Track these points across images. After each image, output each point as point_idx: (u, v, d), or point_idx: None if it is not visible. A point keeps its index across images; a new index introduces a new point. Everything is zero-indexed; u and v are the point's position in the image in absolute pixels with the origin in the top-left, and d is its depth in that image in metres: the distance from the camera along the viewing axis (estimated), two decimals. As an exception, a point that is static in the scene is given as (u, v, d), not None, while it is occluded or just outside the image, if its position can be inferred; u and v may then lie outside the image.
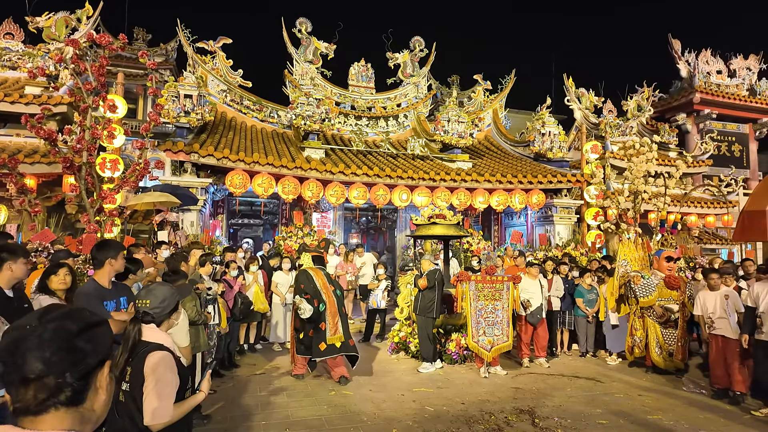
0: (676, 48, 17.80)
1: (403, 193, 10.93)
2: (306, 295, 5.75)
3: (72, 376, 0.92)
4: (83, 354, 0.94)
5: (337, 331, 5.79)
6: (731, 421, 4.81)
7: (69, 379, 0.92)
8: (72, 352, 0.93)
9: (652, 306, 6.54)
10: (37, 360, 0.89)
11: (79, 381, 0.94)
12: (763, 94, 18.02)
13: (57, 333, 0.93)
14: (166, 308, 2.30)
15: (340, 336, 5.79)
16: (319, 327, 5.75)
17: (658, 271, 6.84)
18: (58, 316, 0.96)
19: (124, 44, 7.47)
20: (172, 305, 2.33)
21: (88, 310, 1.05)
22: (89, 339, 0.96)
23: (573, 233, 12.49)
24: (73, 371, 0.93)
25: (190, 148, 9.19)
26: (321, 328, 5.75)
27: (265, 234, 18.55)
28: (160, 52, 18.53)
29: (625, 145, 11.36)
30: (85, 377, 0.95)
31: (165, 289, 2.37)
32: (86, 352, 0.95)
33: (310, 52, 13.87)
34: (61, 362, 0.91)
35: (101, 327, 1.01)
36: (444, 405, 5.15)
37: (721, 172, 16.51)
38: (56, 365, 0.91)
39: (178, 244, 7.92)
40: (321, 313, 5.77)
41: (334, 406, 5.08)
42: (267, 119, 13.39)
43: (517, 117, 20.35)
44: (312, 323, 5.77)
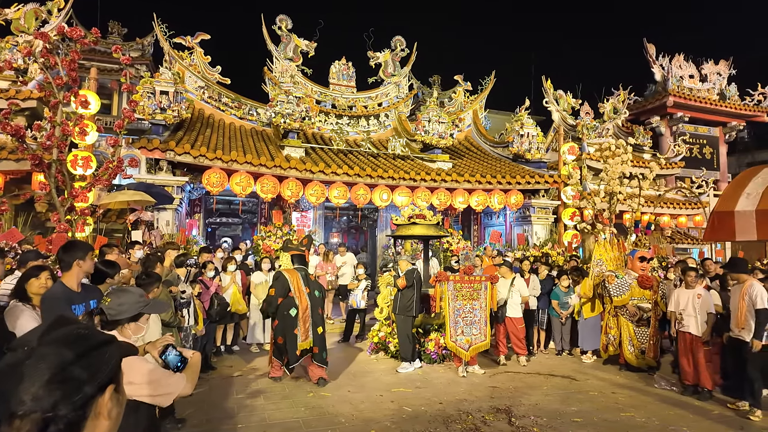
0: (650, 52, 18.23)
1: (384, 192, 10.92)
2: (279, 299, 5.69)
3: (66, 408, 0.82)
4: (79, 383, 0.84)
5: (308, 337, 5.72)
6: (700, 417, 4.95)
7: (62, 413, 0.81)
8: (65, 382, 0.83)
9: (626, 305, 6.71)
10: (26, 394, 0.80)
11: (75, 412, 0.83)
12: (732, 99, 18.60)
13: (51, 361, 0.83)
14: (122, 313, 2.15)
15: (310, 342, 5.72)
16: (293, 332, 5.67)
17: (632, 270, 7.00)
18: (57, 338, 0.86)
19: (96, 38, 7.25)
20: (130, 312, 2.17)
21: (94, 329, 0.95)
22: (88, 365, 0.86)
23: (550, 233, 12.69)
24: (66, 403, 0.82)
25: (165, 146, 9.00)
26: (294, 333, 5.67)
27: (244, 233, 18.34)
28: (136, 47, 18.10)
29: (601, 146, 11.56)
30: (82, 407, 0.84)
31: (131, 294, 2.25)
32: (82, 381, 0.84)
33: (290, 49, 13.73)
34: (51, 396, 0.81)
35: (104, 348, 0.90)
36: (422, 405, 5.16)
37: (692, 174, 17.00)
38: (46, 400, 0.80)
39: (153, 244, 7.75)
40: (294, 318, 5.67)
41: (311, 407, 5.05)
42: (246, 117, 13.22)
43: (498, 117, 20.56)
44: (286, 329, 5.68)
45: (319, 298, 6.01)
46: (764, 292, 5.08)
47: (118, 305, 2.17)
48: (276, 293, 5.73)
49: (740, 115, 18.69)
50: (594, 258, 7.28)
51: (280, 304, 5.69)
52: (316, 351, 5.79)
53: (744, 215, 11.41)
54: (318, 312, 5.91)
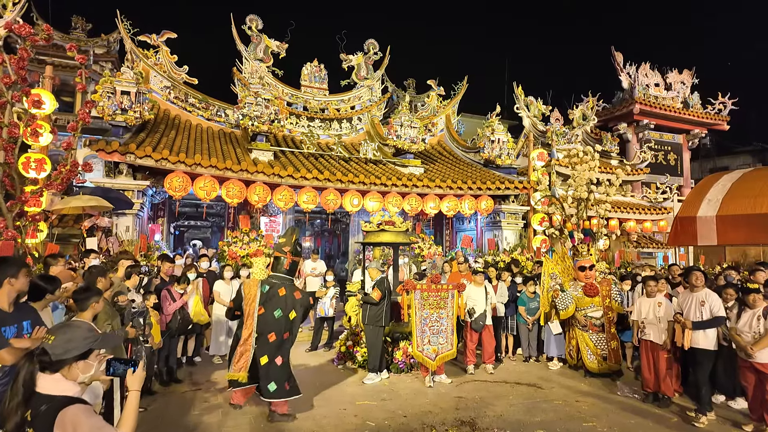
0: (618, 60, 18.68)
1: (355, 198, 10.80)
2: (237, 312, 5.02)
3: None
4: None
5: (241, 369, 4.76)
6: (659, 425, 5.00)
7: None
8: None
9: (575, 315, 6.85)
10: None
11: None
12: (695, 107, 19.23)
13: None
14: (69, 351, 1.92)
15: (243, 375, 4.77)
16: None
17: (578, 280, 7.10)
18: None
19: (48, 35, 6.91)
20: (78, 350, 1.94)
21: None
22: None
23: (520, 238, 12.80)
24: None
25: (125, 149, 8.64)
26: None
27: (213, 235, 17.92)
28: (101, 44, 17.45)
29: (569, 153, 11.73)
30: None
31: (78, 329, 2.01)
32: None
33: (260, 50, 13.47)
34: None
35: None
36: (386, 419, 5.05)
37: (657, 180, 17.48)
38: None
39: (111, 251, 7.42)
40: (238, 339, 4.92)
41: (272, 424, 4.87)
42: (214, 118, 12.89)
43: (472, 122, 20.70)
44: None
45: (281, 319, 4.82)
46: (720, 301, 5.21)
47: (65, 342, 1.92)
48: (231, 307, 5.09)
49: (702, 123, 19.34)
50: (544, 272, 7.36)
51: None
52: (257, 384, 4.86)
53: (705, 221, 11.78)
54: (270, 339, 4.77)
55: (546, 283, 7.21)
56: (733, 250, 13.23)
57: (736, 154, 27.54)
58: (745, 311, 4.94)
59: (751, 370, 4.81)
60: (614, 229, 13.82)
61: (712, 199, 11.71)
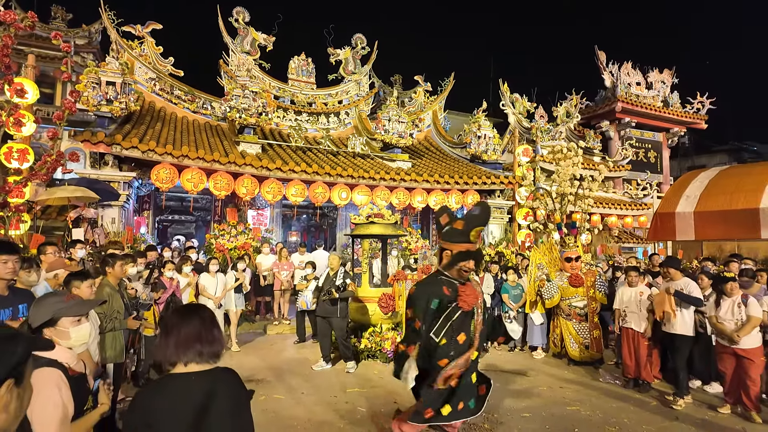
0: (601, 59, 19.02)
1: (343, 191, 10.85)
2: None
3: None
4: None
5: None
6: (639, 408, 5.20)
7: None
8: None
9: (559, 305, 7.05)
10: None
11: None
12: (674, 106, 19.71)
13: None
14: (36, 320, 2.05)
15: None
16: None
17: (564, 271, 7.31)
18: None
19: (33, 23, 6.78)
20: (42, 317, 2.05)
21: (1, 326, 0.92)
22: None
23: (505, 232, 13.01)
24: None
25: (111, 140, 8.54)
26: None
27: (197, 231, 17.75)
28: (82, 34, 17.09)
29: (553, 149, 11.99)
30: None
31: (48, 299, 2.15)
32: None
33: (247, 43, 13.38)
34: None
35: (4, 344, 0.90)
36: (377, 405, 5.15)
37: (638, 177, 17.91)
38: None
39: (96, 243, 7.35)
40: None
41: (263, 411, 4.93)
42: (200, 110, 12.78)
43: (458, 119, 20.87)
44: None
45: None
46: (698, 288, 5.45)
47: (35, 312, 2.07)
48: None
49: (681, 122, 19.83)
50: (532, 263, 7.56)
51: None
52: None
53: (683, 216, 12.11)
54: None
55: (533, 273, 7.39)
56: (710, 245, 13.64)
57: (714, 153, 28.32)
58: (724, 300, 5.15)
59: (731, 355, 5.03)
60: (596, 224, 14.14)
61: (690, 195, 12.06)
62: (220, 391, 1.70)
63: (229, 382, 1.77)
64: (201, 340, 1.73)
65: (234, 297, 7.73)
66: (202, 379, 1.70)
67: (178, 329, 1.74)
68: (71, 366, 1.99)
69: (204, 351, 1.73)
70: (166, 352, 1.72)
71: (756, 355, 4.94)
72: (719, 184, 11.69)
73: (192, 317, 1.77)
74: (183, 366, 1.72)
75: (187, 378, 1.69)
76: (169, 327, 1.77)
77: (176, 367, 1.72)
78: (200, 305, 1.89)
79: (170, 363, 1.73)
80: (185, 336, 1.72)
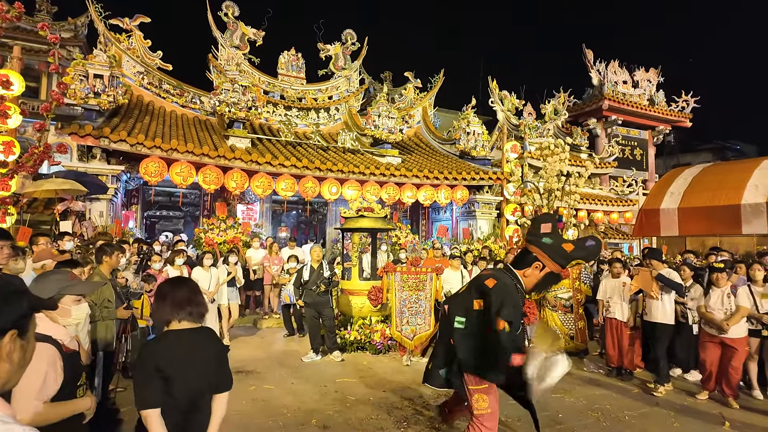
0: (589, 58, 19.24)
1: (333, 186, 10.89)
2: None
3: None
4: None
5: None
6: (622, 395, 5.35)
7: None
8: None
9: (545, 296, 7.20)
10: None
11: None
12: (660, 105, 20.02)
13: None
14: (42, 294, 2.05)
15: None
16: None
17: None
18: None
19: (20, 13, 6.73)
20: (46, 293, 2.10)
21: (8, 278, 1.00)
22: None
23: (493, 228, 13.16)
24: None
25: (99, 132, 8.49)
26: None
27: (186, 227, 17.63)
28: (68, 27, 16.83)
29: (541, 146, 12.13)
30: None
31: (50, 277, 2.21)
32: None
33: (237, 37, 13.33)
34: None
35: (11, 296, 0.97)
36: (366, 394, 5.22)
37: (624, 174, 18.19)
38: None
39: (84, 236, 7.31)
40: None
41: (253, 400, 4.98)
42: (189, 105, 12.71)
43: (447, 116, 20.99)
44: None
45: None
46: (678, 276, 5.64)
47: (39, 287, 2.11)
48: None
49: (667, 120, 20.16)
50: None
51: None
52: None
53: (668, 213, 12.37)
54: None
55: None
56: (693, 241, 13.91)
57: (698, 152, 28.81)
58: (714, 290, 5.29)
59: (716, 345, 5.17)
60: (583, 220, 14.34)
61: (674, 192, 12.31)
62: (206, 343, 2.14)
63: (212, 338, 2.21)
64: (191, 303, 2.12)
65: (227, 291, 7.68)
66: (193, 333, 2.12)
67: (172, 294, 2.11)
68: (65, 343, 2.03)
69: (194, 311, 2.12)
70: (164, 312, 2.10)
71: (741, 344, 5.11)
72: (703, 181, 11.96)
73: (182, 285, 2.19)
74: (177, 323, 2.10)
75: (182, 332, 2.10)
76: (164, 293, 2.14)
77: (171, 324, 2.10)
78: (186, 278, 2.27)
79: (167, 321, 2.11)
80: (179, 299, 2.10)
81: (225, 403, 2.20)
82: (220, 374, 2.15)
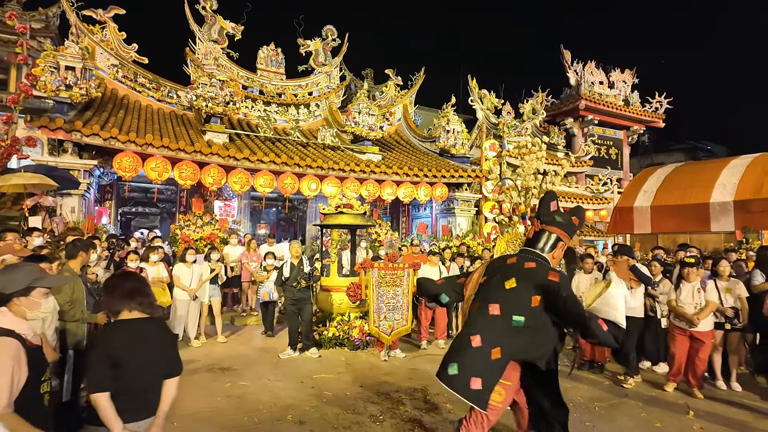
0: (566, 58, 19.55)
1: (312, 182, 10.84)
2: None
3: None
4: None
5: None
6: (593, 387, 5.51)
7: None
8: None
9: None
10: None
11: None
12: (635, 105, 20.48)
13: None
14: (8, 286, 2.07)
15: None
16: None
17: None
18: None
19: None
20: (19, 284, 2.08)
21: None
22: None
23: (472, 225, 13.30)
24: None
25: (71, 126, 8.27)
26: None
27: (162, 224, 17.34)
28: (38, 18, 16.29)
29: (519, 144, 12.32)
30: None
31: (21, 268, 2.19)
32: None
33: (215, 31, 13.13)
34: None
35: None
36: (343, 389, 5.24)
37: (600, 173, 18.56)
38: None
39: (55, 232, 7.12)
40: None
41: (228, 397, 4.94)
42: (165, 99, 12.47)
43: (428, 114, 21.07)
44: None
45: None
46: (647, 270, 5.82)
47: (8, 279, 2.08)
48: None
49: (641, 120, 20.64)
50: (498, 250, 7.78)
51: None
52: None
53: (641, 211, 12.70)
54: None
55: None
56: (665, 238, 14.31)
57: (671, 152, 29.61)
58: (684, 285, 5.45)
59: (686, 338, 5.34)
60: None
61: (647, 190, 12.66)
62: (156, 332, 2.30)
63: (162, 327, 2.38)
64: (140, 294, 2.27)
65: (209, 288, 7.57)
66: (144, 322, 2.27)
67: (122, 286, 2.26)
68: (29, 338, 1.99)
69: (144, 302, 2.27)
70: (115, 302, 2.24)
71: (708, 337, 5.30)
72: (674, 180, 12.34)
73: (131, 277, 2.38)
74: (128, 312, 2.24)
75: (133, 321, 2.24)
76: (113, 285, 2.29)
77: (122, 314, 2.24)
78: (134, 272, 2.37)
79: (117, 312, 2.25)
80: (128, 290, 2.25)
81: (175, 388, 2.33)
82: (170, 360, 2.31)
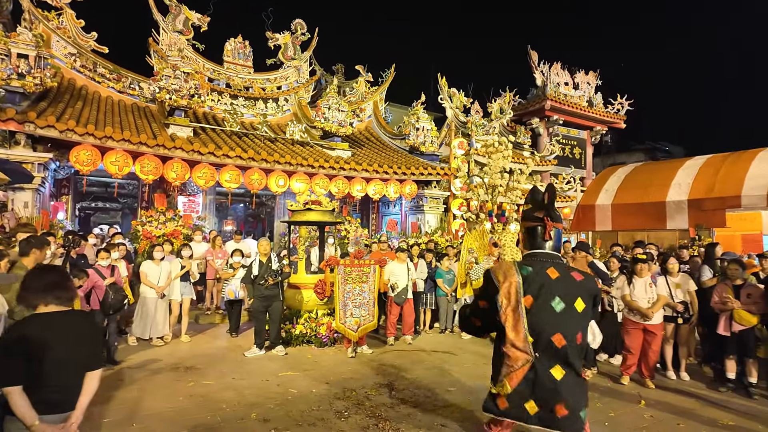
0: (533, 59, 19.99)
1: (281, 178, 10.71)
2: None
3: None
4: None
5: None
6: (553, 380, 5.66)
7: None
8: None
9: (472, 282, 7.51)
10: None
11: None
12: (598, 106, 21.15)
13: None
14: None
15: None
16: None
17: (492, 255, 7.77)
18: None
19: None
20: None
21: None
22: None
23: (440, 222, 13.45)
24: None
25: (24, 117, 7.88)
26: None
27: (124, 220, 16.76)
28: (-12, 1, 15.45)
29: (486, 143, 12.52)
30: None
31: None
32: None
33: (180, 21, 12.75)
34: None
35: None
36: (309, 386, 5.22)
37: (564, 171, 19.10)
38: None
39: (6, 228, 6.78)
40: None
41: (191, 396, 4.85)
42: (126, 90, 12.03)
43: (399, 112, 21.13)
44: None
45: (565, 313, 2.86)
46: (604, 267, 6.04)
47: None
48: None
49: (604, 121, 21.34)
50: (464, 247, 7.93)
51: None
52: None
53: (602, 209, 13.14)
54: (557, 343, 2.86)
55: (464, 256, 7.72)
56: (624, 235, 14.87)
57: (632, 152, 30.73)
58: (637, 280, 5.69)
59: (639, 330, 5.57)
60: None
61: (609, 189, 13.13)
62: (75, 325, 2.31)
63: (83, 320, 2.42)
64: (60, 287, 2.28)
65: (180, 285, 7.40)
66: (62, 316, 2.28)
67: (38, 280, 2.26)
68: None
69: (63, 296, 2.28)
70: (30, 297, 2.25)
71: (660, 329, 5.57)
72: (634, 179, 12.84)
73: (51, 270, 2.40)
74: (45, 306, 2.25)
75: (50, 315, 2.25)
76: (31, 279, 2.28)
77: (38, 308, 2.25)
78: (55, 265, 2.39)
79: (34, 306, 2.25)
80: (46, 284, 2.25)
81: (96, 380, 2.36)
82: (91, 353, 2.34)
